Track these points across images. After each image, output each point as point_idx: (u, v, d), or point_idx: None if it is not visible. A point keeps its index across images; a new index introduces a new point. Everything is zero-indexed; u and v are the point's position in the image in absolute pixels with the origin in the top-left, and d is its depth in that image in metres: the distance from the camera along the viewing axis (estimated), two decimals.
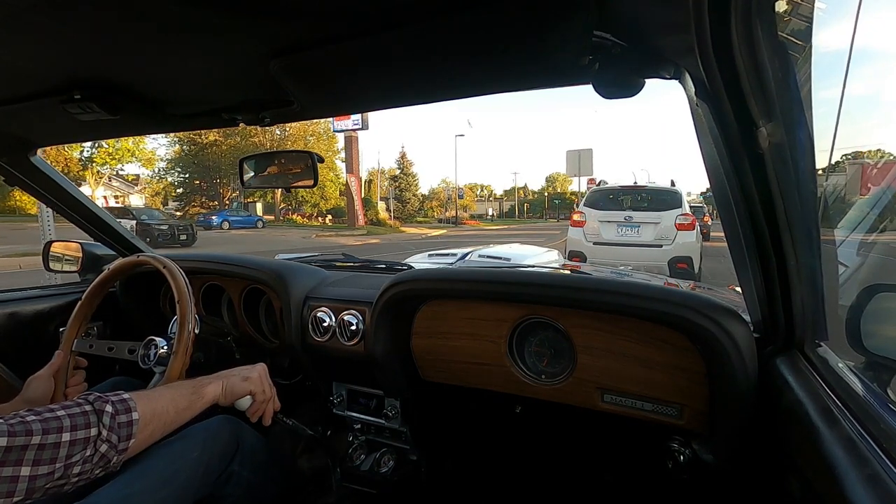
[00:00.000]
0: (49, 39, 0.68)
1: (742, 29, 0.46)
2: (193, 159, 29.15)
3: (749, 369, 0.76)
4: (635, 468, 1.21)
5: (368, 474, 1.30)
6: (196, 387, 0.83)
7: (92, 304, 1.10)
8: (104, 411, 0.64)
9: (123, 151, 21.86)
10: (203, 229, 21.17)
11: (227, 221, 23.98)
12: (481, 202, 63.27)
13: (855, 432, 0.52)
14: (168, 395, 0.78)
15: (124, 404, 0.67)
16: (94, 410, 0.64)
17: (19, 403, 0.94)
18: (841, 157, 1.65)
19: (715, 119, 0.57)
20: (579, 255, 6.14)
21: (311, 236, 20.18)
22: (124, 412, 0.67)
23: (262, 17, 0.62)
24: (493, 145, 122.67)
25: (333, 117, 14.94)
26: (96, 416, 0.63)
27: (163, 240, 14.66)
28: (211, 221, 23.60)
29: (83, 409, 0.63)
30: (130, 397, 0.69)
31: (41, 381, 0.98)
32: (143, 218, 15.96)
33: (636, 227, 5.93)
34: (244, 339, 1.42)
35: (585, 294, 0.92)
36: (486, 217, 53.40)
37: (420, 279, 1.10)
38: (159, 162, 28.57)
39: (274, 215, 31.77)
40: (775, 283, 0.68)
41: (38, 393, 0.97)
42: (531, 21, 0.61)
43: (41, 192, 1.40)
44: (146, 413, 0.70)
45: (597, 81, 0.68)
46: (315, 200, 32.19)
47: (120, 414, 0.66)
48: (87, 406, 0.64)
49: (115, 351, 1.08)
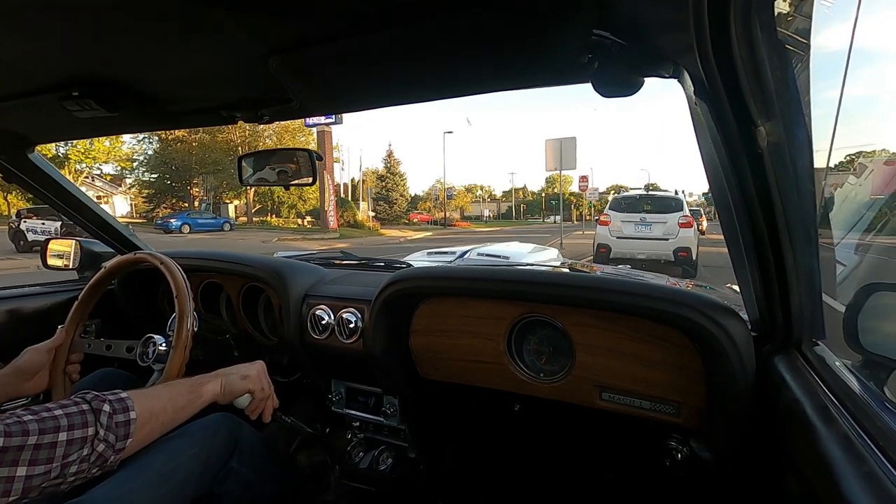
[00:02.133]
0: (47, 36, 0.68)
1: (741, 28, 0.46)
2: (161, 158, 27.41)
3: (747, 368, 0.77)
4: (633, 466, 1.21)
5: (367, 472, 1.30)
6: (195, 385, 0.82)
7: (90, 301, 1.10)
8: (102, 410, 0.64)
9: (98, 151, 20.99)
10: (163, 232, 20.01)
11: (188, 224, 21.70)
12: (478, 203, 62.86)
13: (852, 430, 0.52)
14: (166, 393, 0.77)
15: (122, 403, 0.67)
16: (92, 409, 0.63)
17: (10, 372, 0.94)
18: (848, 155, 1.65)
19: (714, 118, 0.57)
20: (606, 247, 8.06)
21: (273, 240, 18.90)
22: (122, 411, 0.66)
23: (261, 15, 0.62)
24: (492, 145, 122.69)
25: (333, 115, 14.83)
26: (94, 415, 0.63)
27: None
28: (169, 224, 21.43)
29: (80, 408, 0.62)
30: (128, 396, 0.69)
31: (38, 353, 0.98)
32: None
33: (649, 225, 7.89)
34: (243, 337, 1.42)
35: (584, 292, 0.92)
36: (483, 219, 52.48)
37: (419, 277, 1.10)
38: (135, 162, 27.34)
39: (247, 217, 29.99)
40: (773, 282, 0.68)
41: (31, 364, 0.97)
42: (531, 20, 0.61)
43: (39, 189, 1.39)
44: (144, 412, 0.69)
45: (596, 80, 0.68)
46: (293, 201, 30.09)
47: (117, 413, 0.66)
48: (85, 405, 0.63)
49: (113, 350, 1.08)
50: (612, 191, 57.98)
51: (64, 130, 1.26)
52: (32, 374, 0.97)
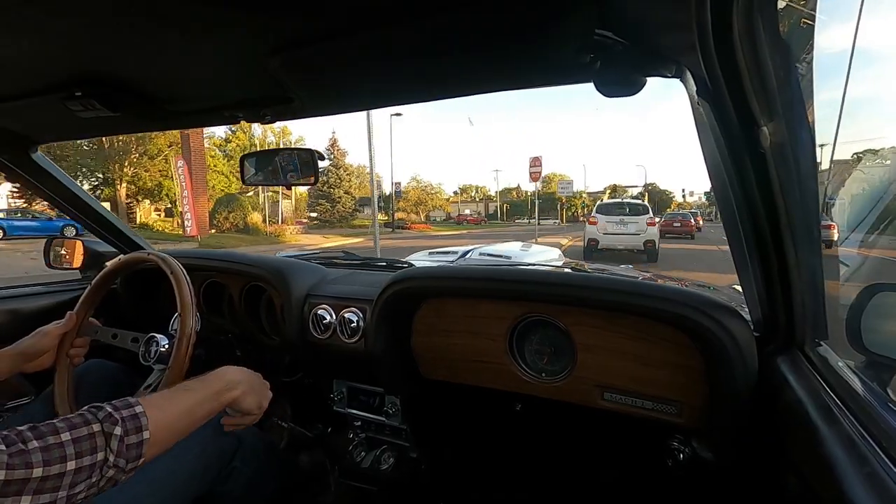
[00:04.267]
0: (51, 37, 0.68)
1: (744, 27, 0.46)
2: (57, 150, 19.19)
3: (749, 368, 0.76)
4: (635, 466, 1.21)
5: (368, 471, 1.30)
6: (219, 393, 0.76)
7: (94, 299, 1.11)
8: (113, 434, 0.59)
9: None
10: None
11: (2, 228, 16.70)
12: (466, 203, 61.87)
13: (855, 431, 0.52)
14: (186, 403, 0.71)
15: (136, 422, 0.61)
16: (103, 432, 0.58)
17: (15, 352, 0.95)
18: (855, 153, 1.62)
19: (716, 118, 0.57)
20: (595, 241, 11.30)
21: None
22: (135, 432, 0.61)
23: (263, 13, 0.62)
24: (492, 146, 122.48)
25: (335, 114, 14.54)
26: (104, 438, 0.58)
27: None
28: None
29: (91, 429, 0.58)
30: (143, 411, 0.63)
31: (46, 337, 0.98)
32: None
33: (626, 224, 11.13)
34: (245, 337, 1.42)
35: (586, 292, 0.92)
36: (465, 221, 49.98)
37: (420, 277, 1.10)
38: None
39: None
40: (776, 282, 0.68)
41: (37, 347, 0.97)
42: (533, 19, 0.61)
43: (42, 188, 1.40)
44: (159, 429, 0.64)
45: (598, 80, 0.68)
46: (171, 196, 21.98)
47: (129, 435, 0.60)
48: (96, 425, 0.58)
49: (119, 339, 1.08)
50: (608, 190, 57.70)
51: (66, 130, 1.26)
52: (36, 355, 0.98)
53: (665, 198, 70.84)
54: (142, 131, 1.69)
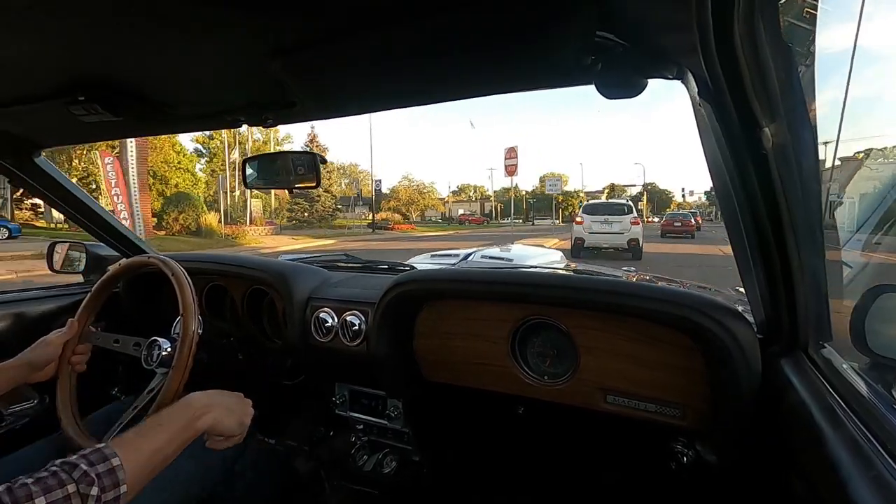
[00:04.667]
0: (51, 38, 0.69)
1: (745, 28, 0.46)
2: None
3: (752, 370, 0.76)
4: (639, 469, 1.20)
5: (370, 475, 1.30)
6: (189, 423, 0.76)
7: (96, 304, 1.11)
8: (89, 496, 0.57)
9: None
10: None
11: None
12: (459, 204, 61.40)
13: (859, 433, 0.51)
14: (158, 441, 0.70)
15: (112, 477, 0.60)
16: (79, 493, 0.57)
17: (19, 364, 0.94)
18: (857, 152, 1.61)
19: (718, 119, 0.56)
20: (581, 240, 11.82)
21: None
22: (112, 488, 0.60)
23: (263, 14, 0.62)
24: (493, 146, 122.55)
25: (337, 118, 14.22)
26: (80, 500, 0.57)
27: None
28: None
29: (66, 491, 0.56)
30: (120, 464, 0.61)
31: (49, 346, 0.99)
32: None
33: (611, 223, 11.64)
34: (247, 340, 1.42)
35: (588, 294, 0.92)
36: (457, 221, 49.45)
37: (422, 280, 1.10)
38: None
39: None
40: (779, 283, 0.68)
41: (41, 357, 0.97)
42: (534, 21, 0.61)
43: (45, 193, 1.41)
44: (135, 475, 0.63)
45: (599, 82, 0.68)
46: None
47: (107, 491, 0.59)
48: (71, 486, 0.57)
49: (120, 344, 1.08)
50: (606, 189, 57.54)
51: (69, 134, 1.27)
52: (42, 366, 0.98)
53: (665, 197, 70.77)
54: (143, 135, 1.70)
